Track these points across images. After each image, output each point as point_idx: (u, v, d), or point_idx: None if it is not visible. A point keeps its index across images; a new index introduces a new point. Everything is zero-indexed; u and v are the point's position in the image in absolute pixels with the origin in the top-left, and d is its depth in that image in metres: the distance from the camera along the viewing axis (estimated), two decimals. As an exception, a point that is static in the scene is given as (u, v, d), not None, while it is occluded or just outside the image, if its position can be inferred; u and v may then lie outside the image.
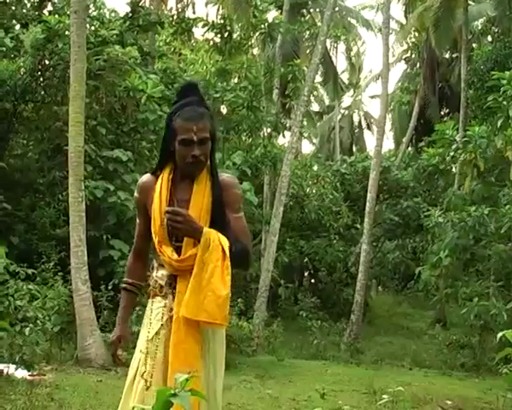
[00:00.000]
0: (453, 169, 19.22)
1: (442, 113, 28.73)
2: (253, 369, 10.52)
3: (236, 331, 10.96)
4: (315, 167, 22.92)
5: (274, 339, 13.26)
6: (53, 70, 13.08)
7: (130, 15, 15.28)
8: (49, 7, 16.20)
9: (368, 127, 38.94)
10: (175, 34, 19.69)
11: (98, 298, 10.22)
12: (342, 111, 38.28)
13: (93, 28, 13.44)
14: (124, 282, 3.16)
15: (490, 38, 23.27)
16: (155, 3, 18.58)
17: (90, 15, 13.64)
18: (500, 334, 2.46)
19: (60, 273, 10.49)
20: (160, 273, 2.95)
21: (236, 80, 19.51)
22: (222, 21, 19.04)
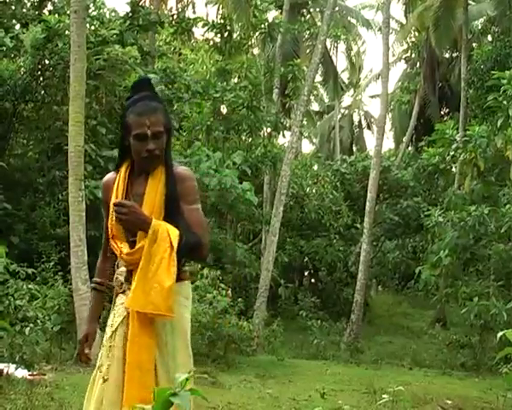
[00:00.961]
0: (453, 169, 19.24)
1: (442, 112, 28.73)
2: (253, 369, 10.52)
3: (236, 331, 10.95)
4: (315, 167, 22.92)
5: (274, 339, 13.25)
6: (53, 70, 13.08)
7: (130, 15, 15.27)
8: (49, 6, 16.20)
9: (368, 127, 38.92)
10: (175, 34, 19.67)
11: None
12: (342, 111, 38.25)
13: (93, 28, 13.42)
14: (93, 282, 3.20)
15: (490, 38, 23.23)
16: (155, 3, 18.56)
17: (90, 15, 13.62)
18: (500, 333, 2.45)
19: (60, 273, 10.49)
20: (120, 270, 2.98)
21: (236, 80, 19.50)
22: (222, 21, 19.04)
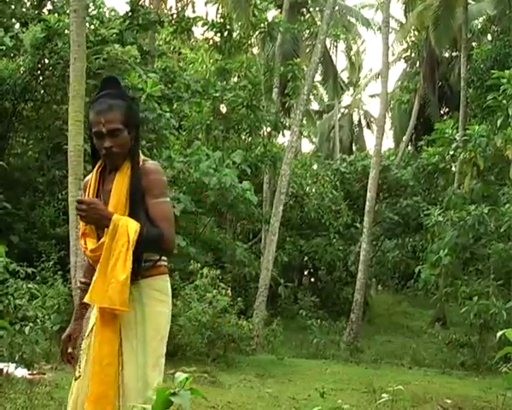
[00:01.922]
0: (453, 168, 19.24)
1: (442, 112, 28.72)
2: (253, 368, 10.52)
3: (236, 330, 10.95)
4: (314, 166, 22.93)
5: (274, 338, 13.25)
6: (52, 69, 13.07)
7: (129, 14, 15.25)
8: (49, 6, 16.16)
9: (367, 126, 38.92)
10: (175, 33, 19.64)
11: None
12: (342, 110, 38.26)
13: (93, 27, 13.40)
14: (79, 281, 3.23)
15: (490, 37, 23.25)
16: (155, 2, 18.54)
17: (90, 14, 13.61)
18: (500, 333, 2.46)
19: (59, 272, 10.50)
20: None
21: (236, 79, 19.51)
22: (221, 20, 19.02)
